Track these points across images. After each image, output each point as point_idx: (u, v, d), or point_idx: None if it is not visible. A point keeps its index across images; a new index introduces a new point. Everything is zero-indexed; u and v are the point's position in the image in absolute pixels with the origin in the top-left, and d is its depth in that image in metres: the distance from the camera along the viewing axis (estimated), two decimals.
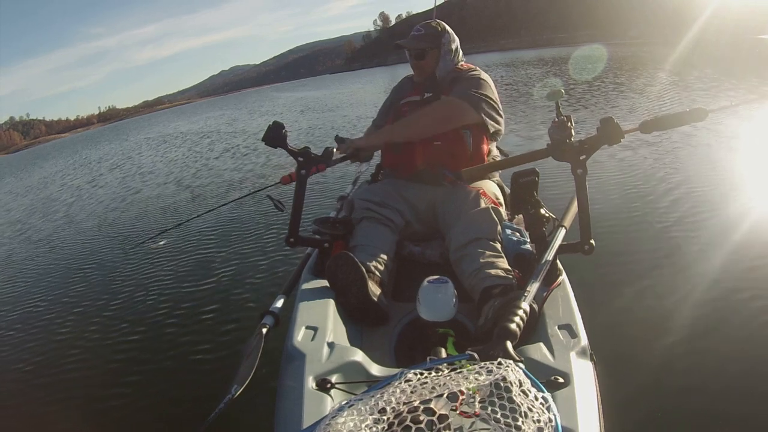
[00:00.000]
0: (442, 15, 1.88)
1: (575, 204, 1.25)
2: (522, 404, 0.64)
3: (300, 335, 1.06)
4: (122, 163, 10.93)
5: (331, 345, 1.02)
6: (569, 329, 1.03)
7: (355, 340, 1.16)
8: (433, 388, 0.65)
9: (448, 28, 1.69)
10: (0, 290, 3.53)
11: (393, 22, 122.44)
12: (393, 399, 0.63)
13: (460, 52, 1.72)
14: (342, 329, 1.14)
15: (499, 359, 0.71)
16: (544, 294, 1.15)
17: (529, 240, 1.36)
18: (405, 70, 1.85)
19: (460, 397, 0.65)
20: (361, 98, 16.12)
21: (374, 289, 1.24)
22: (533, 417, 0.64)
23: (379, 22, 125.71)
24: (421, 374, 0.70)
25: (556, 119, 1.19)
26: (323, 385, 0.90)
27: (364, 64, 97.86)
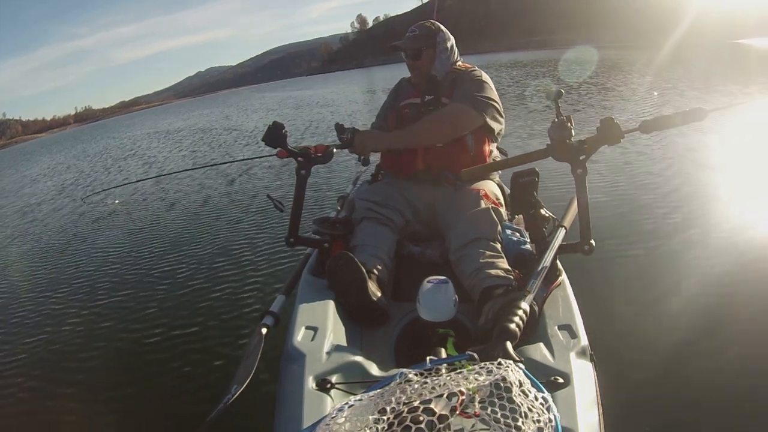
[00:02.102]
0: (420, 18, 1.88)
1: (575, 204, 1.25)
2: (522, 405, 0.64)
3: (300, 335, 1.06)
4: (129, 155, 10.97)
5: (331, 345, 1.02)
6: (569, 329, 1.03)
7: (355, 341, 1.16)
8: (433, 388, 0.65)
9: (442, 27, 1.69)
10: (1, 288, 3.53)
11: (371, 24, 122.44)
12: (393, 399, 0.63)
13: (456, 51, 1.70)
14: (342, 329, 1.14)
15: (499, 359, 0.70)
16: (544, 294, 1.15)
17: (529, 240, 1.36)
18: (382, 73, 1.86)
19: (460, 398, 0.65)
20: (350, 97, 16.26)
21: (374, 290, 1.24)
22: (533, 417, 0.64)
23: (356, 25, 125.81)
24: (421, 374, 0.69)
25: (556, 119, 1.19)
26: (323, 386, 0.90)
27: (342, 66, 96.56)
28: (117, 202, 3.87)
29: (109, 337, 2.41)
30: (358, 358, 0.97)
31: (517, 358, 0.83)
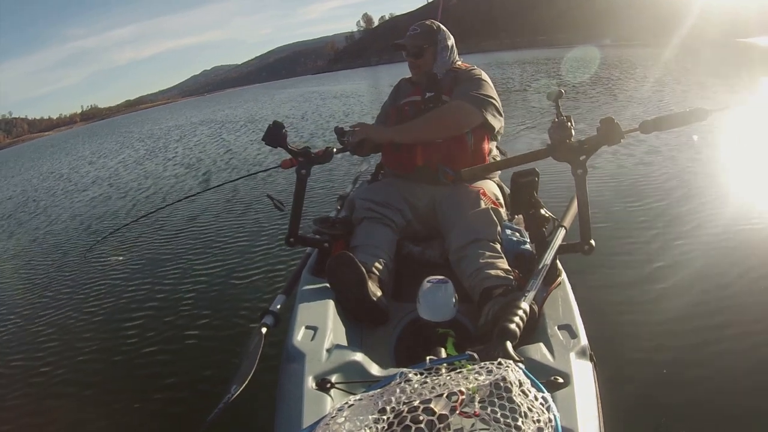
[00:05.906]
0: (426, 17, 1.89)
1: (575, 204, 1.25)
2: (522, 404, 0.64)
3: (300, 335, 1.06)
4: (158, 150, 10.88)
5: (331, 345, 1.02)
6: (569, 329, 1.03)
7: (355, 340, 1.16)
8: (433, 388, 0.65)
9: (443, 26, 1.72)
10: (1, 288, 3.53)
11: (376, 23, 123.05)
12: (393, 399, 0.63)
13: (456, 51, 1.73)
14: (342, 329, 1.14)
15: (499, 359, 0.70)
16: (544, 294, 1.15)
17: (529, 240, 1.36)
18: (387, 72, 1.86)
19: (460, 398, 0.65)
20: (364, 91, 16.53)
21: (374, 290, 1.24)
22: (533, 417, 0.64)
23: (362, 24, 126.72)
24: (421, 374, 0.69)
25: (556, 119, 1.19)
26: (323, 385, 0.90)
27: (347, 65, 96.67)
28: (120, 258, 3.53)
29: (109, 337, 2.40)
30: (358, 358, 0.97)
31: (517, 358, 0.83)
